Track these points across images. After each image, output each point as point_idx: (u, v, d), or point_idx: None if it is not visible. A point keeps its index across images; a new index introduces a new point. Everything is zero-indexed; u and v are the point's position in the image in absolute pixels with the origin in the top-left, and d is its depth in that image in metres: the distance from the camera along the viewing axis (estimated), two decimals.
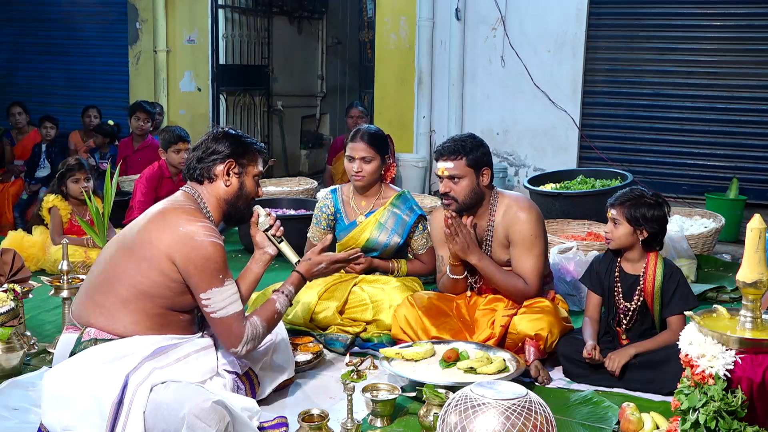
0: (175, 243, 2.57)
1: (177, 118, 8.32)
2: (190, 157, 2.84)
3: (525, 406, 2.19)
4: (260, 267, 2.99)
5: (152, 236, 2.60)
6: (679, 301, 3.22)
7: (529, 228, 3.46)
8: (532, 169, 7.35)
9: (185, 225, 2.59)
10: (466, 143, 3.47)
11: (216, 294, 2.59)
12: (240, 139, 2.84)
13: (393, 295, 3.74)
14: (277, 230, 2.96)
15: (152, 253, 2.58)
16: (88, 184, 4.92)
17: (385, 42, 7.82)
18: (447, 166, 3.46)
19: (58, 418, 2.46)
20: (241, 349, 2.65)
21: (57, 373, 2.51)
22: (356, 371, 3.27)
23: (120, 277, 2.61)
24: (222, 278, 2.60)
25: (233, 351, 2.66)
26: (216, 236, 2.63)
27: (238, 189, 2.81)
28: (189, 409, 2.35)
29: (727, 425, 2.21)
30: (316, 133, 10.50)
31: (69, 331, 2.70)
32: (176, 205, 2.71)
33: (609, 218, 3.32)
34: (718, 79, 6.86)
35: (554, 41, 7.18)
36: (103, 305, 2.62)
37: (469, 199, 3.48)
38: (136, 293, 2.59)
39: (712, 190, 6.59)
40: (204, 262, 2.56)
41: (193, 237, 2.57)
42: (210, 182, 2.79)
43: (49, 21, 8.83)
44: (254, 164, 2.86)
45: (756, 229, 2.28)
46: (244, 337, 2.64)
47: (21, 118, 7.51)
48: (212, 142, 2.80)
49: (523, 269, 3.48)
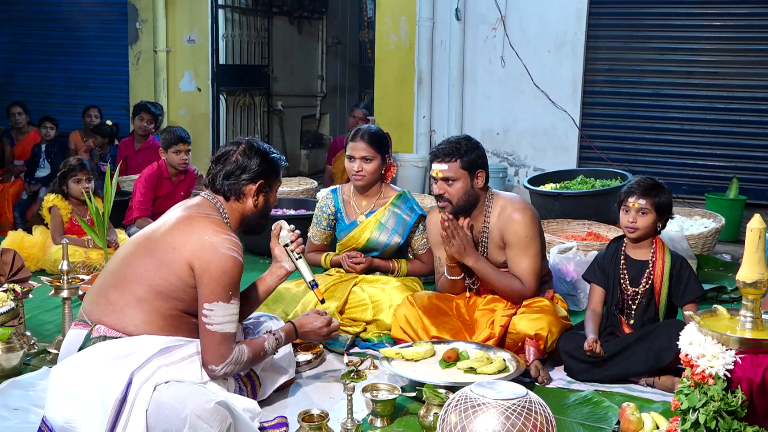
0: (198, 251, 2.58)
1: (177, 118, 8.32)
2: (215, 170, 2.80)
3: (525, 406, 2.19)
4: (275, 281, 3.00)
5: (176, 242, 2.61)
6: (694, 287, 3.31)
7: (524, 229, 3.46)
8: (532, 169, 7.35)
9: (212, 236, 2.60)
10: (460, 145, 3.46)
11: (220, 308, 2.58)
12: (268, 157, 2.82)
13: (393, 295, 3.75)
14: (297, 246, 2.95)
15: (174, 258, 2.59)
16: (89, 185, 4.92)
17: (385, 42, 7.82)
18: (441, 168, 3.45)
19: (60, 411, 2.46)
20: (220, 369, 2.58)
21: (64, 368, 2.51)
22: (356, 371, 3.27)
23: (138, 277, 2.61)
24: (231, 295, 2.60)
25: (211, 368, 2.58)
26: (239, 253, 2.63)
27: (263, 207, 2.84)
28: (192, 410, 2.36)
29: (727, 425, 2.21)
30: (316, 133, 10.50)
31: (78, 327, 2.69)
32: (203, 214, 2.70)
33: (633, 209, 3.30)
34: (718, 79, 6.87)
35: (554, 41, 7.18)
36: (116, 303, 2.62)
37: (463, 201, 3.48)
38: (154, 294, 2.60)
39: (712, 190, 6.59)
40: (220, 275, 2.57)
41: (216, 248, 2.58)
42: (237, 200, 2.79)
43: (49, 21, 8.84)
44: (278, 181, 2.90)
45: (756, 229, 2.28)
46: (228, 359, 2.60)
47: (21, 118, 7.51)
48: (243, 158, 2.78)
49: (519, 270, 3.48)
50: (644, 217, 3.30)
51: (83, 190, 4.62)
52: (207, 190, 2.84)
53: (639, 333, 3.26)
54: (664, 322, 3.28)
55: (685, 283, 3.31)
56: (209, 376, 2.59)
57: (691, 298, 3.31)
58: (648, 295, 3.32)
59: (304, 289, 3.79)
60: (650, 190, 3.30)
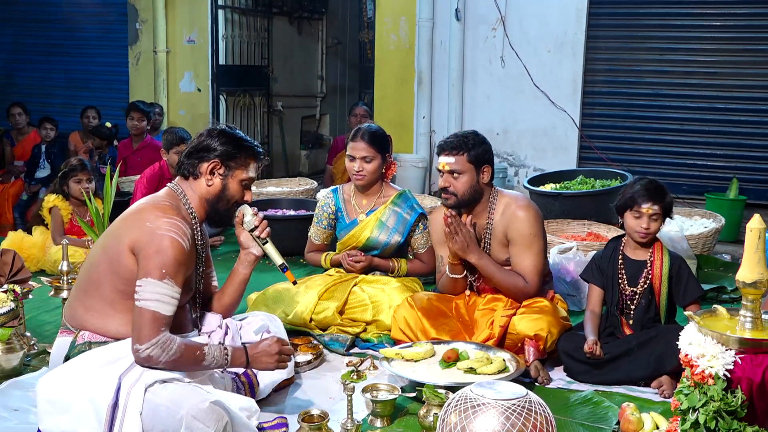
0: (137, 236, 2.53)
1: (177, 118, 8.32)
2: (183, 151, 2.81)
3: (525, 406, 2.19)
4: (246, 268, 2.94)
5: (120, 233, 2.58)
6: (695, 286, 3.31)
7: (528, 226, 3.47)
8: (532, 169, 7.35)
9: (153, 221, 2.54)
10: (468, 139, 3.50)
11: (149, 284, 2.47)
12: (236, 140, 2.76)
13: (393, 295, 3.74)
14: (263, 231, 2.87)
15: (119, 248, 2.55)
16: (90, 185, 4.93)
17: (385, 42, 7.82)
18: (448, 161, 3.47)
19: (55, 422, 2.45)
20: (144, 348, 2.43)
21: (51, 379, 2.50)
22: (356, 371, 3.27)
23: (102, 277, 2.59)
24: (164, 273, 2.48)
25: (136, 347, 2.44)
26: (179, 235, 2.53)
27: (219, 190, 2.75)
28: (187, 410, 2.35)
29: (727, 425, 2.21)
30: (316, 134, 10.50)
31: (63, 335, 2.68)
32: (152, 203, 2.66)
33: (646, 214, 3.26)
34: (718, 79, 6.87)
35: (554, 41, 7.18)
36: (93, 308, 2.61)
37: (468, 195, 3.49)
38: (117, 292, 2.57)
39: (712, 190, 6.58)
40: (153, 253, 2.49)
41: (154, 231, 2.51)
42: (194, 179, 2.74)
43: (49, 21, 8.84)
44: (244, 169, 2.76)
45: (756, 229, 2.28)
46: (154, 340, 2.44)
47: (21, 118, 7.52)
48: (206, 138, 2.76)
49: (522, 267, 3.48)
50: (657, 222, 3.29)
51: (83, 191, 4.62)
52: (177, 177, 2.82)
53: (640, 338, 3.24)
54: (666, 327, 3.26)
55: (685, 283, 3.31)
56: (135, 358, 2.47)
57: (693, 298, 3.31)
58: (647, 295, 3.32)
59: (303, 290, 3.78)
60: (660, 194, 3.28)
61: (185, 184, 2.76)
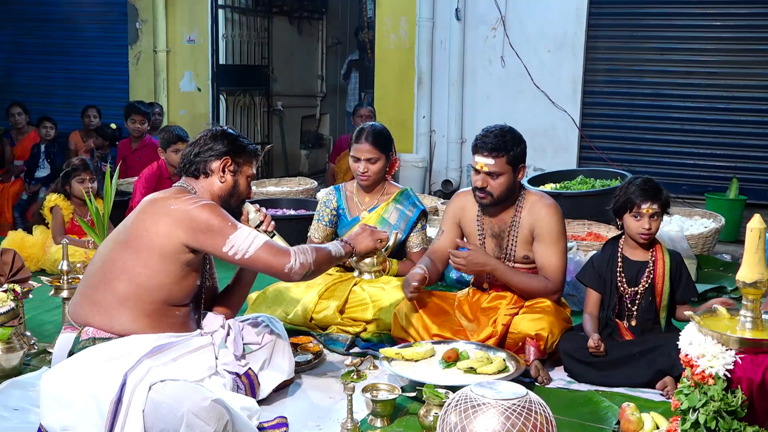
0: (173, 224, 2.61)
1: (177, 118, 8.32)
2: (187, 152, 2.87)
3: (525, 406, 2.19)
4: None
5: (147, 225, 2.64)
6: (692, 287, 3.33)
7: (555, 223, 3.48)
8: (532, 170, 7.33)
9: (175, 204, 2.65)
10: (507, 140, 3.42)
11: (235, 238, 2.63)
12: (237, 139, 2.88)
13: (393, 294, 3.74)
14: (269, 225, 2.97)
15: (151, 240, 2.61)
16: (92, 185, 4.93)
17: (385, 42, 7.82)
18: (488, 162, 3.41)
19: (57, 418, 2.46)
20: (294, 260, 2.67)
21: (55, 374, 2.51)
22: (356, 371, 3.26)
23: (118, 273, 2.62)
24: (232, 224, 2.65)
25: (288, 266, 2.66)
26: (203, 200, 2.68)
27: (231, 187, 2.86)
28: (188, 408, 2.35)
29: (727, 425, 2.21)
30: (316, 133, 10.50)
31: (67, 331, 2.70)
32: (164, 194, 2.76)
33: (646, 215, 3.24)
34: (718, 79, 6.86)
35: (554, 41, 7.18)
36: (100, 304, 2.63)
37: (505, 194, 3.49)
38: (134, 287, 2.60)
39: (712, 190, 6.58)
40: (207, 225, 2.61)
41: (185, 211, 2.62)
42: (205, 177, 2.83)
43: (49, 21, 8.84)
44: (249, 165, 2.91)
45: (756, 229, 2.28)
46: (292, 252, 2.68)
47: (21, 118, 7.51)
48: (210, 140, 2.85)
49: (547, 264, 3.48)
50: (657, 221, 3.28)
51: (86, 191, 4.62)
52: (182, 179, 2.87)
53: (643, 345, 3.20)
54: (668, 337, 3.15)
55: (684, 282, 3.31)
56: (291, 278, 2.70)
57: (687, 299, 3.30)
58: (648, 295, 3.31)
59: (304, 290, 3.78)
60: (659, 193, 3.27)
61: (195, 183, 2.83)
